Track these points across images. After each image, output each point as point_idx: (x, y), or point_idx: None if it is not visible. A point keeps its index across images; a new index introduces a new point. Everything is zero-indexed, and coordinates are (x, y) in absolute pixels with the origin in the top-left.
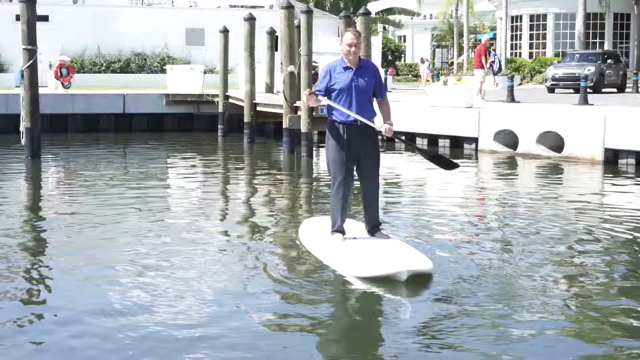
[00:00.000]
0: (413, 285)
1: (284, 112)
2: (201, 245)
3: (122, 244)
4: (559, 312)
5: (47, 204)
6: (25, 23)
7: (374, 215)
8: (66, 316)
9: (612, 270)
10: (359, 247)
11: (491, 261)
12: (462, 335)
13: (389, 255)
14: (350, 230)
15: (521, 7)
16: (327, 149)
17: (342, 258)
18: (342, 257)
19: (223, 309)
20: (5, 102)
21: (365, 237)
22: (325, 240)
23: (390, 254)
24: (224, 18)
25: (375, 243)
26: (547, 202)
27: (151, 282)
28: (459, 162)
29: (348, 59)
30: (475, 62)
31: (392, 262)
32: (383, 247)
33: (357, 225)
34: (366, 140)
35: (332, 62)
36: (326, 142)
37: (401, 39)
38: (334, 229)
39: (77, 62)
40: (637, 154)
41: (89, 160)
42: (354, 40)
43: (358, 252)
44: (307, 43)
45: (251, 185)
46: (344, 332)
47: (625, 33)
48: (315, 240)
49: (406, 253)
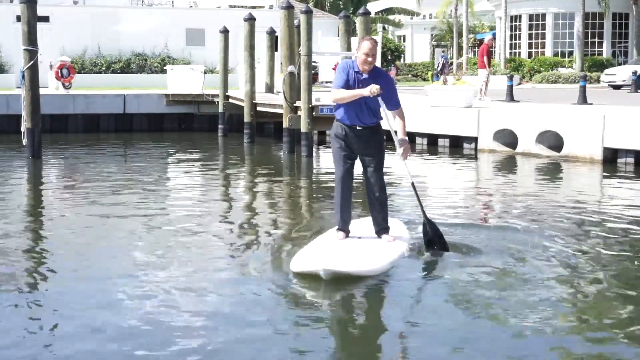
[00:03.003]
0: (413, 287)
1: (284, 112)
2: (201, 246)
3: (121, 244)
4: (559, 311)
5: (47, 204)
6: (25, 24)
7: (379, 216)
8: (66, 315)
9: (612, 270)
10: (340, 245)
11: (491, 262)
12: (464, 336)
13: (335, 253)
14: (363, 230)
15: (520, 7)
16: (332, 148)
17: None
18: (312, 252)
19: (223, 309)
20: (6, 102)
21: (370, 237)
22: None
23: (341, 252)
24: (224, 18)
25: (357, 242)
26: (546, 201)
27: (151, 282)
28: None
29: (362, 67)
30: (478, 62)
31: (315, 261)
32: (352, 246)
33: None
34: (368, 143)
35: (348, 62)
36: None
37: (401, 39)
38: (337, 227)
39: (77, 63)
40: (636, 153)
41: (90, 161)
42: (373, 51)
43: (315, 248)
44: (307, 43)
45: (251, 185)
46: (343, 334)
47: (624, 33)
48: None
49: (361, 255)
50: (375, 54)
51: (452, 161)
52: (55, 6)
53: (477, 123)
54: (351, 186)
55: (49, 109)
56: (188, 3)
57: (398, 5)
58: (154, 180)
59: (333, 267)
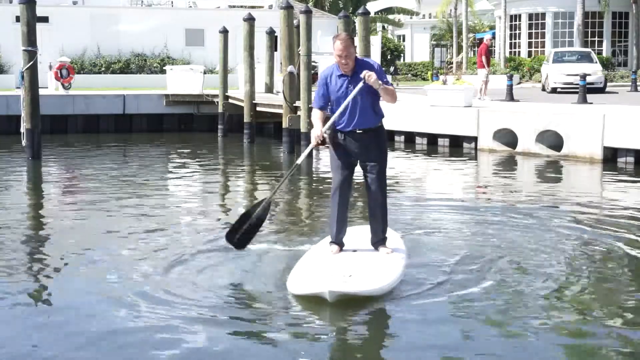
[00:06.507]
0: (411, 293)
1: (283, 112)
2: (200, 246)
3: (121, 245)
4: (558, 311)
5: (47, 205)
6: (25, 24)
7: (378, 227)
8: (65, 316)
9: (612, 270)
10: (337, 261)
11: (490, 261)
12: (465, 338)
13: (336, 272)
14: (360, 240)
15: (520, 6)
16: (330, 154)
17: (292, 272)
18: (292, 271)
19: (222, 310)
20: (6, 103)
21: (366, 250)
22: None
23: (341, 270)
24: (224, 18)
25: (354, 257)
26: (546, 201)
27: (150, 283)
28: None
29: (342, 69)
30: (478, 62)
31: (319, 282)
32: (351, 262)
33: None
34: (369, 147)
35: (328, 69)
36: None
37: (400, 39)
38: (331, 240)
39: (77, 63)
40: (635, 152)
41: (90, 161)
42: (343, 52)
43: (313, 266)
44: (307, 43)
45: (251, 185)
46: (343, 339)
47: (624, 32)
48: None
49: (364, 272)
50: (349, 54)
51: (451, 161)
52: (54, 7)
53: (476, 123)
54: (349, 195)
55: (48, 109)
56: (187, 3)
57: (398, 5)
58: (153, 180)
59: (339, 289)
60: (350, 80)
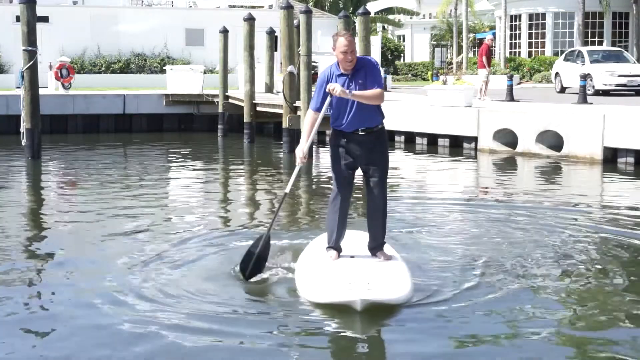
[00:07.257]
0: None
1: (283, 112)
2: (199, 246)
3: (121, 245)
4: (558, 311)
5: (47, 205)
6: (25, 24)
7: (377, 232)
8: (65, 316)
9: (612, 270)
10: (339, 266)
11: (490, 261)
12: (465, 339)
13: (355, 280)
14: (354, 246)
15: (520, 6)
16: (330, 157)
17: (306, 278)
18: (307, 277)
19: (221, 311)
20: (6, 103)
21: (364, 256)
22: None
23: (358, 278)
24: (224, 18)
25: (361, 263)
26: (546, 201)
27: (150, 283)
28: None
29: (344, 66)
30: (478, 62)
31: (346, 290)
32: (362, 269)
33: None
34: (372, 150)
35: (327, 69)
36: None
37: (400, 39)
38: (328, 245)
39: (77, 63)
40: (636, 152)
41: (90, 161)
42: (349, 47)
43: (329, 272)
44: (307, 43)
45: (251, 185)
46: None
47: (624, 32)
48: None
49: (380, 278)
50: (353, 50)
51: (452, 161)
52: (54, 6)
53: (477, 123)
54: (349, 199)
55: (48, 109)
56: (187, 3)
57: (398, 5)
58: (153, 180)
59: (371, 297)
60: (350, 79)
